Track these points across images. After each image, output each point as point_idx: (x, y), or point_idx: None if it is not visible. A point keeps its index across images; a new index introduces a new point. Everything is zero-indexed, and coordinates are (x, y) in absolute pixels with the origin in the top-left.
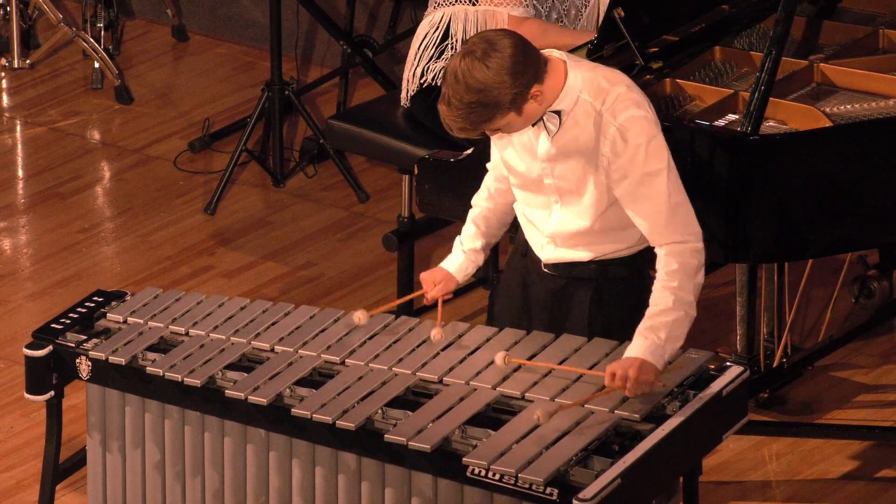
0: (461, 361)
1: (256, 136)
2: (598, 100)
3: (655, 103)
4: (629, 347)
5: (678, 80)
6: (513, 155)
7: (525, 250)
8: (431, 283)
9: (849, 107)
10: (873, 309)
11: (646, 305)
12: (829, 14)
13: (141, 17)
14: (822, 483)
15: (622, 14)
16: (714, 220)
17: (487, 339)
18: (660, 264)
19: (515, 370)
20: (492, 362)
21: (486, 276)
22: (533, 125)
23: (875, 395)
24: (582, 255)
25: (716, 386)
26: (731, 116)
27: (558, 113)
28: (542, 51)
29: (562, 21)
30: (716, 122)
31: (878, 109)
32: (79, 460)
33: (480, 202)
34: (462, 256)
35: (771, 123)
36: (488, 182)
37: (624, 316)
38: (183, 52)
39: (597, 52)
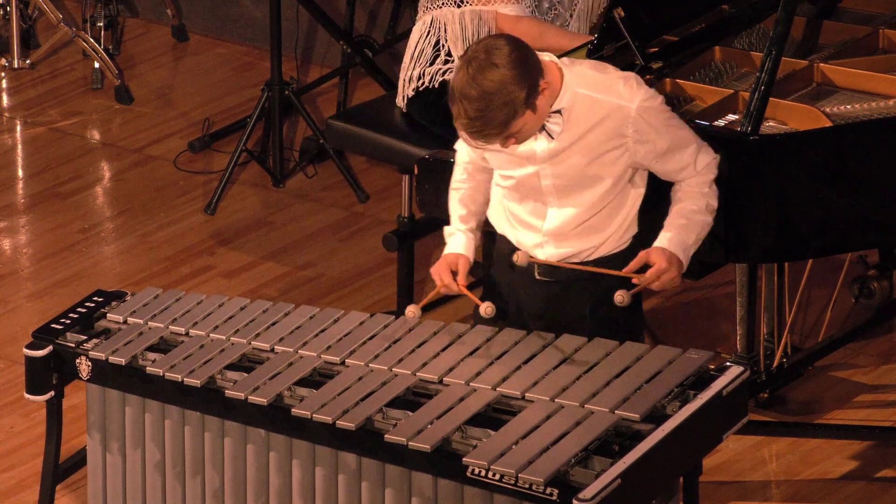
0: (461, 361)
1: (256, 136)
2: (602, 91)
3: None
4: (667, 239)
5: (678, 80)
6: (506, 163)
7: (511, 262)
8: (447, 271)
9: (849, 107)
10: (873, 309)
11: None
12: (829, 14)
13: (141, 17)
14: (822, 483)
15: (622, 14)
16: (714, 219)
17: (488, 339)
18: (696, 177)
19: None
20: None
21: (486, 276)
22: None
23: (875, 395)
24: (584, 245)
25: (716, 386)
26: (731, 116)
27: (559, 112)
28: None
29: (555, 8)
30: (716, 122)
31: (878, 109)
32: (79, 460)
33: (460, 184)
34: (464, 237)
35: (771, 123)
36: (462, 160)
37: (624, 314)
38: (183, 52)
39: (597, 52)
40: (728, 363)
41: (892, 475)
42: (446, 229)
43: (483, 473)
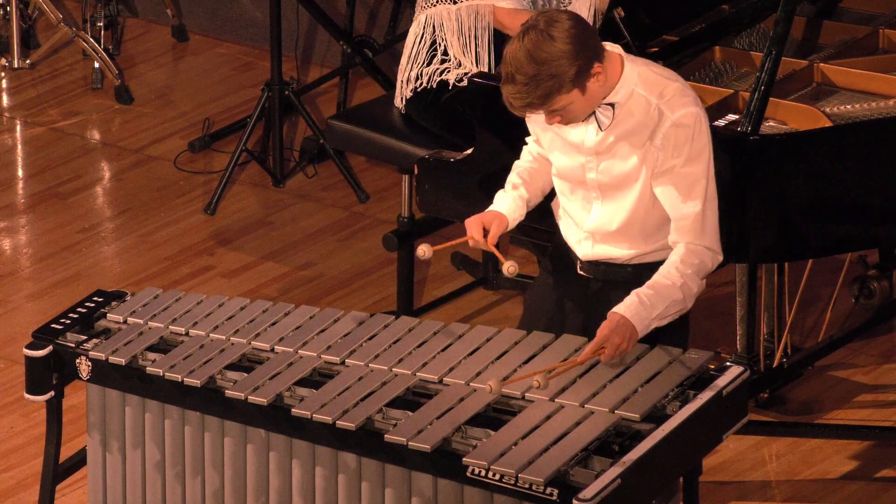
0: (461, 361)
1: (256, 136)
2: (654, 93)
3: None
4: (626, 305)
5: None
6: (556, 150)
7: (559, 253)
8: (479, 226)
9: (849, 107)
10: (873, 309)
11: (682, 313)
12: (829, 14)
13: (141, 17)
14: (822, 483)
15: (622, 14)
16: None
17: (488, 339)
18: (678, 252)
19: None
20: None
21: (485, 276)
22: (585, 120)
23: (875, 395)
24: (620, 253)
25: (716, 386)
26: (731, 116)
27: (612, 105)
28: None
29: (548, 5)
30: (716, 122)
31: (878, 109)
32: (79, 460)
33: (522, 162)
34: (509, 198)
35: (771, 123)
36: (530, 147)
37: (662, 331)
38: (183, 52)
39: None
40: (728, 363)
41: (892, 475)
42: (499, 193)
43: (483, 473)
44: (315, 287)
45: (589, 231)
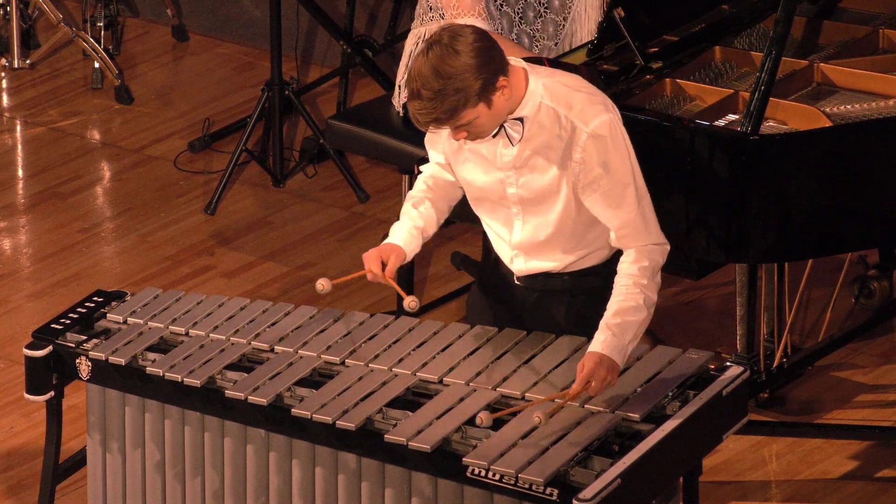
0: (461, 361)
1: (256, 136)
2: (562, 105)
3: (655, 103)
4: (601, 342)
5: (678, 80)
6: (472, 168)
7: (496, 261)
8: (377, 259)
9: (849, 107)
10: (873, 309)
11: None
12: (829, 14)
13: (141, 17)
14: (822, 483)
15: (622, 14)
16: (714, 220)
17: (488, 340)
18: (628, 258)
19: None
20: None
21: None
22: (494, 135)
23: (875, 395)
24: (553, 264)
25: (716, 386)
26: (731, 116)
27: (520, 120)
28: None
29: (542, 16)
30: (716, 122)
31: (878, 109)
32: (79, 460)
33: (417, 193)
34: (405, 230)
35: (771, 123)
36: (426, 175)
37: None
38: (183, 52)
39: (597, 52)
40: (728, 363)
41: (892, 475)
42: (393, 226)
43: (483, 473)
44: (315, 287)
45: (518, 248)
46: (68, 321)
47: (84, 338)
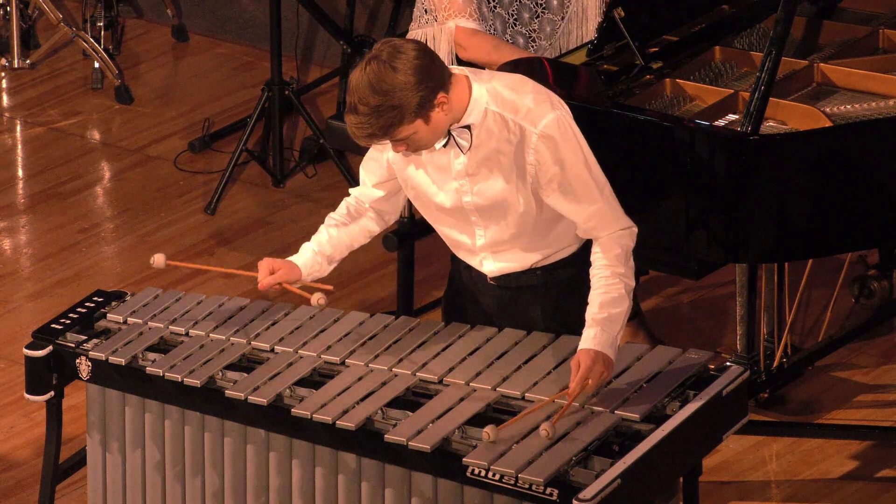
0: (461, 361)
1: (256, 136)
2: (508, 109)
3: (655, 103)
4: (592, 339)
5: (678, 80)
6: (425, 179)
7: (466, 266)
8: (267, 270)
9: (849, 107)
10: (873, 309)
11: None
12: (829, 14)
13: (141, 17)
14: (822, 483)
15: (622, 14)
16: (714, 220)
17: (488, 339)
18: (600, 249)
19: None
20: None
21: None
22: (444, 145)
23: (875, 395)
24: (525, 259)
25: (716, 386)
26: (731, 116)
27: (468, 128)
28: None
29: (539, 17)
30: (716, 122)
31: (878, 109)
32: (79, 460)
33: (338, 216)
34: (311, 254)
35: (771, 123)
36: (353, 197)
37: (580, 316)
38: (183, 52)
39: (597, 52)
40: (728, 363)
41: (892, 475)
42: (304, 245)
43: (483, 473)
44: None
45: (483, 251)
46: (68, 321)
47: (84, 338)
